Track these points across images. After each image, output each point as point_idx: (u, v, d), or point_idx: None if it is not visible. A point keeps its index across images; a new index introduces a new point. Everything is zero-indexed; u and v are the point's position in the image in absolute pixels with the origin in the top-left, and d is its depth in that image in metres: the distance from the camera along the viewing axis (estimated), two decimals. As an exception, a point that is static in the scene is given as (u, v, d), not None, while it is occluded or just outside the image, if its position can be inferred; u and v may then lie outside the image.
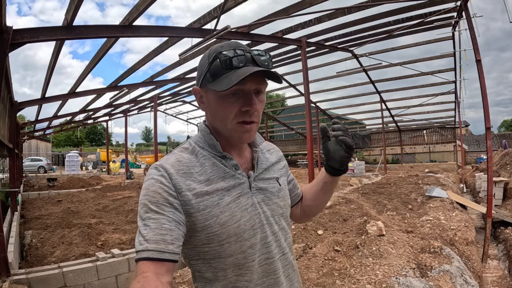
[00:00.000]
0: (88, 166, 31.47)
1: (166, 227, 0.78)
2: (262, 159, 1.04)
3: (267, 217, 0.94)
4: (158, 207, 0.80)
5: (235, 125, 0.88)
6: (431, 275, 3.55)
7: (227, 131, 0.91)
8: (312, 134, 8.49)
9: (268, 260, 0.93)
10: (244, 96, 0.87)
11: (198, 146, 0.94)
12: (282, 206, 1.01)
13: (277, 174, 1.05)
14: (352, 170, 16.77)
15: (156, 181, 0.84)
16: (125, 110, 18.45)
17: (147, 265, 0.73)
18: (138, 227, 0.80)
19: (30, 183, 16.13)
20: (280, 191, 1.01)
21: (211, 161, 0.92)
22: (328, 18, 8.38)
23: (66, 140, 54.37)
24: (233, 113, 0.87)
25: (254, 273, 0.90)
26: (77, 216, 7.62)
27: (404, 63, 13.17)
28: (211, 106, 0.91)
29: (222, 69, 0.84)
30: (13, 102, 8.06)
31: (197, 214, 0.84)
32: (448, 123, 21.13)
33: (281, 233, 0.98)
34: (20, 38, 3.83)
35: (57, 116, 14.05)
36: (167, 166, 0.87)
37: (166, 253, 0.75)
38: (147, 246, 0.75)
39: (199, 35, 6.85)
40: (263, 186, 0.97)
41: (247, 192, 0.93)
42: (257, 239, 0.90)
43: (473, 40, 5.08)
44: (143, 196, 0.83)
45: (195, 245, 0.88)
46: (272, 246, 0.94)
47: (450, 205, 6.70)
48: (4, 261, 3.31)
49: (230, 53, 0.84)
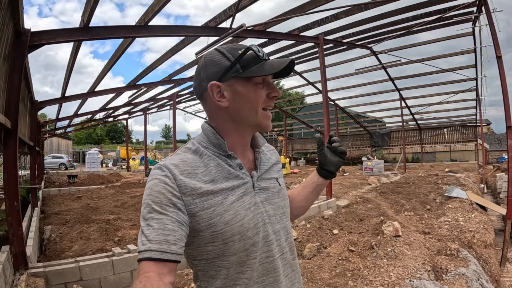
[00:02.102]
0: (108, 163, 32.21)
1: (169, 227, 0.78)
2: (264, 159, 1.06)
3: (269, 216, 0.96)
4: (162, 208, 0.80)
5: (261, 111, 0.94)
6: (446, 278, 3.45)
7: (257, 119, 0.95)
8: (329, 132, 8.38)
9: (268, 258, 0.94)
10: (268, 84, 0.96)
11: (202, 146, 0.95)
12: (283, 206, 1.03)
13: (276, 174, 1.08)
14: (371, 169, 16.46)
15: (160, 181, 0.84)
16: (144, 109, 18.77)
17: (150, 265, 0.74)
18: (141, 227, 0.80)
19: (51, 179, 16.60)
20: (280, 190, 1.04)
21: (215, 161, 0.93)
22: (345, 15, 8.27)
23: (87, 138, 55.74)
24: (262, 99, 0.94)
25: (254, 271, 0.91)
26: (96, 212, 7.80)
27: (424, 60, 12.86)
28: (240, 97, 0.92)
29: (257, 59, 0.91)
30: (33, 102, 8.33)
31: (202, 213, 0.85)
32: (469, 121, 20.51)
33: (282, 232, 1.00)
34: (38, 40, 3.94)
35: (77, 114, 14.43)
36: (171, 167, 0.87)
37: (169, 254, 0.76)
38: (149, 246, 0.75)
39: (215, 34, 6.88)
40: (265, 186, 1.00)
41: (250, 192, 0.94)
42: (259, 238, 0.92)
43: (493, 35, 4.90)
44: (146, 196, 0.83)
45: (198, 245, 0.89)
46: (273, 245, 0.95)
47: (469, 206, 6.51)
48: (22, 255, 3.44)
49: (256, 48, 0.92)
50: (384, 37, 10.62)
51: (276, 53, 11.71)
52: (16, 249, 3.41)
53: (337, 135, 20.64)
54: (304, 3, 7.16)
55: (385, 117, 24.11)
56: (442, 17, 8.37)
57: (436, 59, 12.99)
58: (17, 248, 3.42)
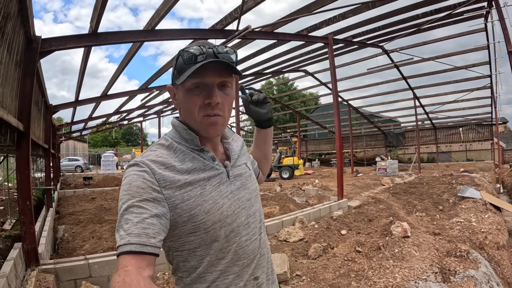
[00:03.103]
0: (124, 165, 32.73)
1: (148, 221, 0.79)
2: (233, 148, 1.09)
3: (245, 201, 1.01)
4: (141, 202, 0.81)
5: (202, 118, 0.92)
6: (454, 281, 3.39)
7: (196, 125, 0.95)
8: (341, 132, 8.35)
9: (247, 241, 0.98)
10: (205, 89, 0.91)
11: (175, 142, 0.97)
12: (255, 189, 1.08)
13: (244, 159, 1.12)
14: (385, 170, 16.23)
15: (138, 176, 0.85)
16: (158, 111, 19.01)
17: (128, 259, 0.73)
18: (119, 222, 0.80)
19: (66, 181, 17.00)
20: (251, 174, 1.10)
21: (190, 155, 0.95)
22: (353, 13, 8.22)
23: (103, 140, 56.73)
24: (198, 106, 0.91)
25: (234, 254, 0.95)
26: (109, 213, 7.95)
27: (437, 58, 12.63)
28: (181, 102, 0.96)
29: (184, 65, 0.89)
30: (47, 105, 8.59)
31: (182, 204, 0.87)
32: (485, 119, 19.99)
33: (257, 214, 1.05)
34: (48, 46, 4.09)
35: (91, 117, 14.74)
36: (148, 162, 0.88)
37: (148, 247, 0.76)
38: (129, 239, 0.75)
39: (222, 36, 6.95)
40: (239, 173, 1.04)
41: (226, 181, 0.98)
42: (238, 223, 0.96)
43: (504, 30, 4.79)
44: (124, 191, 0.84)
45: (180, 236, 0.90)
46: (250, 228, 1.00)
47: (483, 207, 6.36)
48: (34, 252, 3.57)
49: (192, 50, 0.89)
50: (395, 35, 10.48)
51: (286, 54, 11.72)
52: (28, 246, 3.54)
53: (351, 135, 20.48)
54: (310, 3, 7.16)
55: (400, 117, 23.73)
56: (452, 13, 8.21)
57: (449, 56, 12.72)
58: (29, 245, 3.54)
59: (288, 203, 7.90)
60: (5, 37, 2.99)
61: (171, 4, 4.97)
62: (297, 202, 8.67)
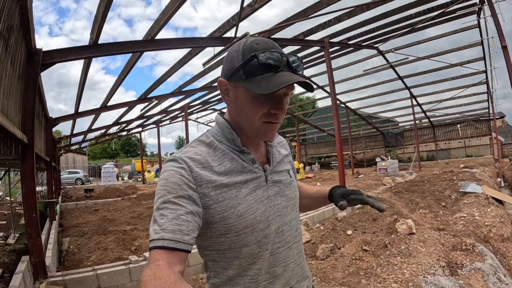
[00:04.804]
0: (124, 176, 32.67)
1: (183, 218, 0.79)
2: (275, 153, 1.07)
3: (281, 208, 0.98)
4: (177, 198, 0.81)
5: (261, 124, 0.90)
6: (461, 274, 3.41)
7: (252, 129, 0.93)
8: (341, 135, 8.38)
9: (280, 249, 0.96)
10: (273, 98, 0.88)
11: (216, 140, 0.96)
12: (294, 197, 1.05)
13: (287, 166, 1.09)
14: (385, 170, 16.29)
15: (176, 172, 0.85)
16: (157, 121, 19.04)
17: (161, 254, 0.74)
18: (154, 216, 0.81)
19: (68, 194, 16.91)
20: (291, 182, 1.06)
21: (229, 155, 0.94)
22: (348, 16, 8.32)
23: (102, 152, 56.69)
24: (261, 113, 0.88)
25: (265, 261, 0.93)
26: (113, 224, 7.93)
27: (431, 56, 12.75)
28: (239, 103, 0.91)
29: (259, 70, 0.84)
30: (48, 118, 8.61)
31: (216, 205, 0.87)
32: (482, 115, 20.10)
33: (294, 222, 1.03)
34: (50, 59, 4.13)
35: (91, 129, 14.76)
36: (187, 159, 0.88)
37: (181, 243, 0.77)
38: (163, 235, 0.76)
39: (220, 44, 7.01)
40: (278, 179, 1.01)
41: (263, 185, 0.96)
42: (271, 230, 0.94)
43: (497, 26, 4.88)
44: (161, 186, 0.84)
45: (211, 236, 0.91)
46: (284, 235, 0.98)
47: (485, 201, 6.39)
48: (41, 264, 3.57)
49: (268, 55, 0.84)
50: (390, 36, 10.60)
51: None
52: (36, 259, 3.54)
53: (350, 137, 20.54)
54: (306, 7, 7.25)
55: (397, 117, 23.85)
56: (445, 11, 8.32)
57: (444, 55, 12.85)
58: (37, 257, 3.55)
59: (291, 206, 7.89)
60: (9, 49, 3.02)
61: (170, 14, 5.03)
62: (300, 205, 8.66)
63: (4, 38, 2.74)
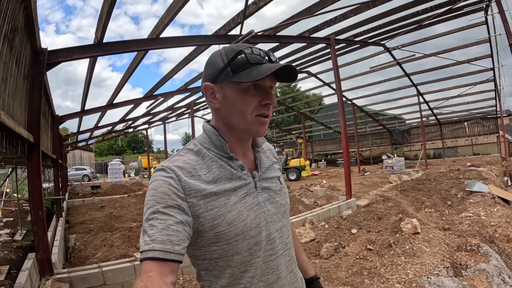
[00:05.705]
0: (131, 173, 32.85)
1: (173, 228, 0.79)
2: (264, 158, 1.07)
3: (271, 214, 0.98)
4: (166, 208, 0.81)
5: (254, 118, 0.92)
6: (465, 275, 3.39)
7: (246, 125, 0.93)
8: (347, 132, 8.34)
9: (271, 256, 0.95)
10: (262, 90, 0.92)
11: (204, 148, 0.96)
12: (284, 204, 1.04)
13: (277, 173, 1.09)
14: (392, 167, 16.10)
15: (164, 182, 0.85)
16: (163, 118, 19.10)
17: (152, 265, 0.74)
18: (144, 227, 0.81)
19: (75, 191, 17.09)
20: (282, 189, 1.06)
21: (218, 163, 0.94)
22: (353, 13, 8.24)
23: (109, 149, 57.03)
24: (253, 106, 0.90)
25: (258, 269, 0.93)
26: (119, 221, 8.00)
27: (438, 53, 12.60)
28: (229, 101, 0.92)
29: (247, 64, 0.88)
30: (54, 116, 8.69)
31: (205, 214, 0.86)
32: (489, 113, 19.83)
33: (284, 229, 1.02)
34: (55, 58, 4.16)
35: (97, 127, 14.86)
36: (175, 168, 0.88)
37: (172, 254, 0.76)
38: (153, 246, 0.76)
39: (225, 41, 7.00)
40: (267, 185, 1.01)
41: (252, 192, 0.96)
42: (262, 237, 0.93)
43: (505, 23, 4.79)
44: (150, 196, 0.84)
45: (202, 245, 0.90)
46: (275, 243, 0.97)
47: (491, 200, 6.34)
48: (48, 261, 3.62)
49: (253, 49, 0.90)
50: (396, 32, 10.50)
51: (288, 56, 11.75)
52: (42, 256, 3.59)
53: (356, 134, 20.44)
54: (311, 4, 7.20)
55: (404, 114, 23.64)
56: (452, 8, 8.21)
57: (451, 51, 12.70)
58: (43, 255, 3.60)
59: (297, 204, 7.92)
60: (14, 50, 3.05)
61: (175, 12, 5.03)
62: (306, 203, 8.68)
63: (9, 39, 2.77)
